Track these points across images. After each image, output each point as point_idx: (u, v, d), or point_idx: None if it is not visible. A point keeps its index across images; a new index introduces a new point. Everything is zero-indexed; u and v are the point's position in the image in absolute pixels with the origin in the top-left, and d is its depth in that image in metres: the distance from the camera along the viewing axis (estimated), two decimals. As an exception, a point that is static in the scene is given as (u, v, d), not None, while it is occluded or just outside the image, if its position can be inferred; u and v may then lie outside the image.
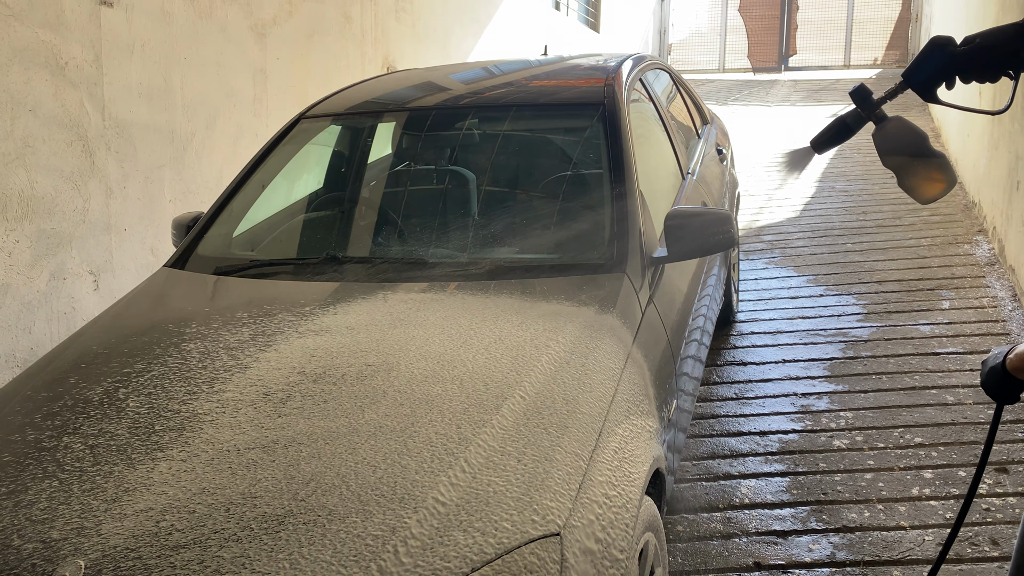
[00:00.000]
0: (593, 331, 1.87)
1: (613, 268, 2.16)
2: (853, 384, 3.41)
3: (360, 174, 2.84)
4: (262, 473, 1.47)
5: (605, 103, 2.60)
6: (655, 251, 2.32)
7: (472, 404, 1.63)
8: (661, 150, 3.00)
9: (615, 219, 2.28)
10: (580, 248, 2.24)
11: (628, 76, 2.87)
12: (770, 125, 10.09)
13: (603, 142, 2.49)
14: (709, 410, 3.29)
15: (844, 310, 4.21)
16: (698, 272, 2.76)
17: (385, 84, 3.05)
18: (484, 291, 2.06)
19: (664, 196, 2.79)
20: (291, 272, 2.29)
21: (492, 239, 2.30)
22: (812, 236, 5.56)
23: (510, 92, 2.87)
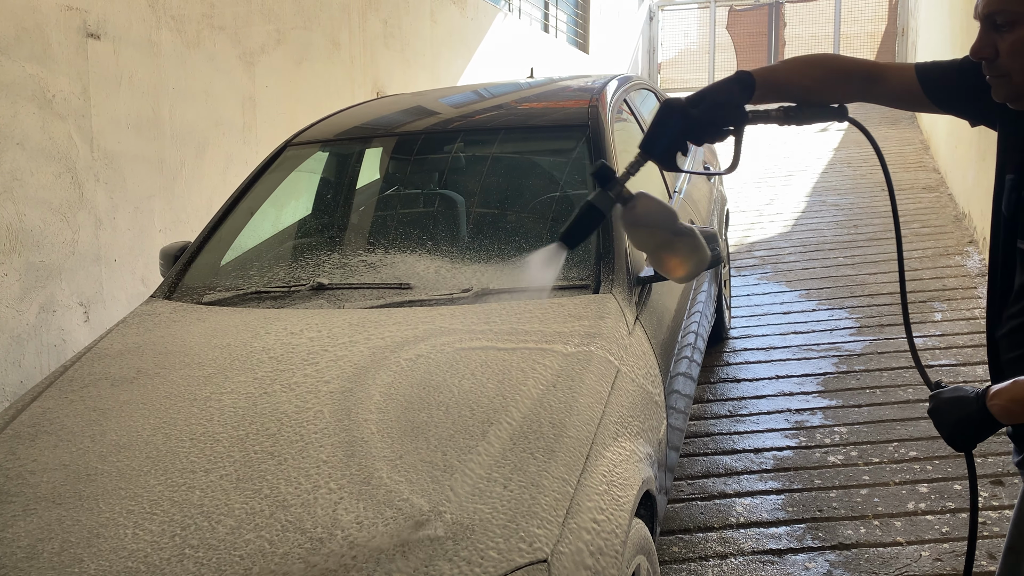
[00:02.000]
0: (580, 353, 1.87)
1: (599, 288, 2.16)
2: (847, 399, 3.41)
3: (347, 200, 2.84)
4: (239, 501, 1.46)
5: (590, 124, 2.61)
6: (642, 271, 2.32)
7: (458, 430, 1.62)
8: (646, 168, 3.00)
9: (601, 240, 2.28)
10: (566, 269, 2.24)
11: (612, 97, 2.88)
12: (760, 141, 10.14)
13: (588, 163, 2.49)
14: (703, 428, 3.28)
15: (837, 324, 4.21)
16: (687, 290, 2.75)
17: (370, 110, 3.06)
18: (471, 315, 2.05)
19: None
20: (278, 300, 2.29)
21: (479, 262, 2.30)
22: (803, 251, 5.56)
23: (496, 115, 2.88)
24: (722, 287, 3.95)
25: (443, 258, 2.33)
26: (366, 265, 2.37)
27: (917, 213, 6.01)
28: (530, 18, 9.59)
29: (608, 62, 12.16)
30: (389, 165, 2.88)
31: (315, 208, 2.91)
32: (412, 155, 2.78)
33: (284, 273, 2.42)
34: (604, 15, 11.97)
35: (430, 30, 6.94)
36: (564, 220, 2.48)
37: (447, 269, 2.29)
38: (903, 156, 8.21)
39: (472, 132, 2.77)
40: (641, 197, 1.48)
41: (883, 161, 1.52)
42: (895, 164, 7.91)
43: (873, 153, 6.09)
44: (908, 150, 8.45)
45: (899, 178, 7.33)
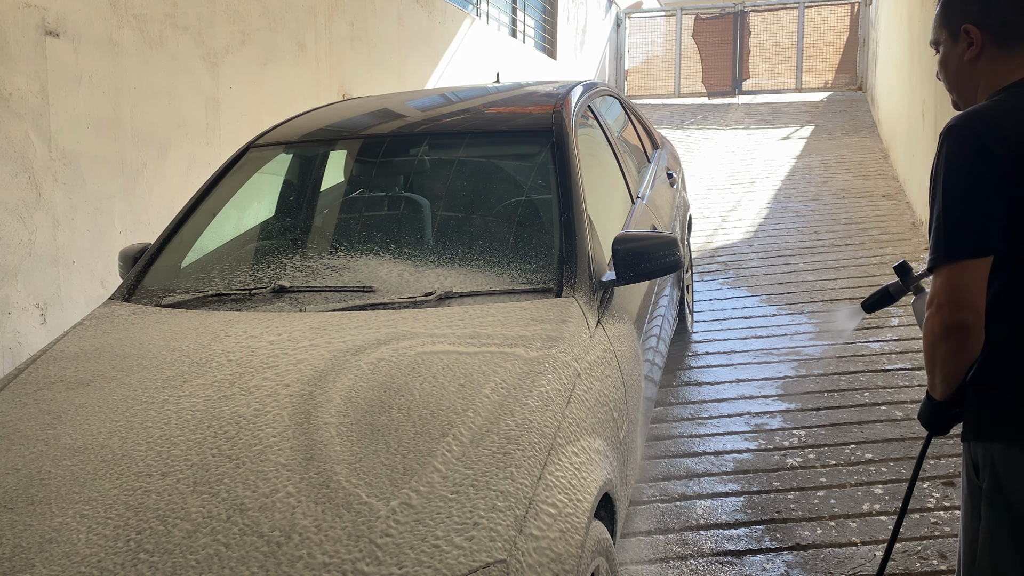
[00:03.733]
0: (541, 356, 1.88)
1: (562, 292, 2.17)
2: (806, 402, 3.47)
3: (311, 202, 2.83)
4: (196, 505, 1.45)
5: (553, 130, 2.63)
6: (604, 275, 2.34)
7: (418, 433, 1.62)
8: (610, 175, 3.04)
9: (563, 244, 2.30)
10: (529, 273, 2.25)
11: (577, 103, 2.90)
12: (725, 147, 10.27)
13: (551, 168, 2.51)
14: (665, 431, 3.32)
15: (797, 329, 4.28)
16: (649, 294, 2.78)
17: (334, 113, 3.05)
18: (433, 318, 2.06)
19: (614, 220, 2.83)
20: (239, 303, 2.27)
21: (442, 265, 2.30)
22: (765, 256, 5.65)
23: (460, 120, 2.89)
24: (684, 292, 4.00)
25: (407, 261, 2.33)
26: (328, 268, 2.36)
27: (876, 220, 6.13)
28: (498, 23, 9.62)
29: (575, 68, 12.24)
30: (353, 168, 2.88)
31: (278, 210, 2.89)
32: (376, 158, 2.78)
33: (245, 276, 2.40)
34: (572, 22, 12.05)
35: (397, 33, 6.93)
36: (528, 226, 2.51)
37: (410, 272, 2.29)
38: (863, 164, 8.37)
39: (436, 136, 2.78)
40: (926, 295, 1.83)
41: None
42: (856, 172, 8.07)
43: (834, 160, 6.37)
44: (868, 158, 8.61)
45: (859, 185, 7.47)
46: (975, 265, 1.37)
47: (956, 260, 1.38)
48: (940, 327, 1.40)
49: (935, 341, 1.42)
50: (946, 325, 1.39)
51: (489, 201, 2.59)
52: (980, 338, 1.40)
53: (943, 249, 1.39)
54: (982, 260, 1.38)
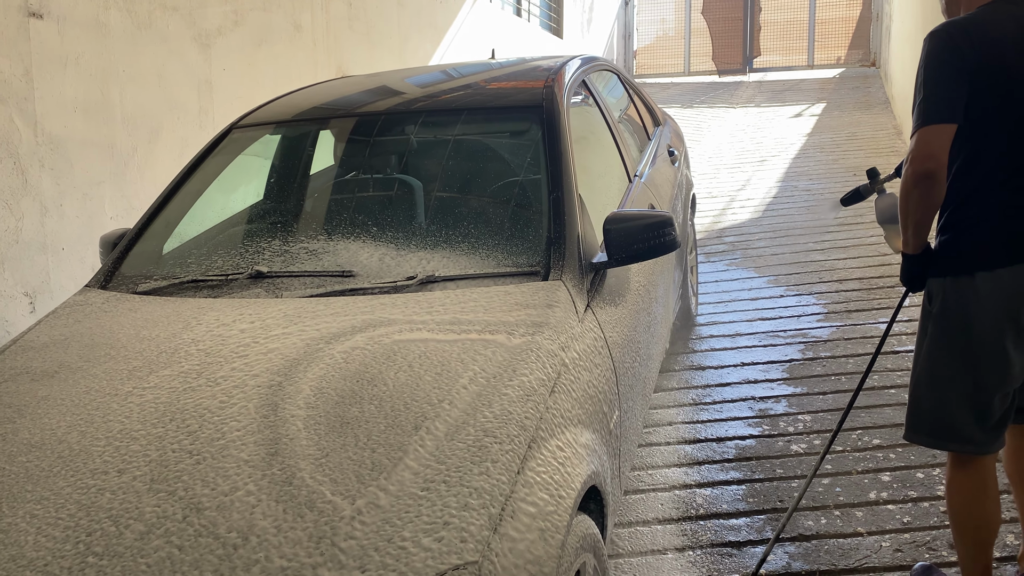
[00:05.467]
0: (524, 343, 1.79)
1: (549, 275, 2.07)
2: (812, 386, 3.36)
3: (292, 185, 2.74)
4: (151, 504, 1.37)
5: (544, 105, 2.52)
6: (595, 256, 2.24)
7: (390, 426, 1.53)
8: (606, 153, 2.93)
9: (552, 225, 2.19)
10: (515, 255, 2.15)
11: (570, 78, 2.79)
12: (735, 126, 10.10)
13: (541, 146, 2.41)
14: (665, 417, 3.22)
15: (804, 310, 4.16)
16: (648, 276, 2.68)
17: (319, 92, 2.95)
18: (413, 303, 1.96)
19: (609, 200, 2.72)
20: (215, 289, 2.19)
21: (425, 249, 2.21)
22: (774, 236, 5.52)
23: (448, 98, 2.78)
24: (688, 273, 3.89)
25: (388, 245, 2.24)
26: (308, 252, 2.27)
27: (888, 198, 5.97)
28: (502, 1, 9.46)
29: (583, 47, 12.05)
30: (336, 148, 2.78)
31: (258, 193, 2.80)
32: (360, 138, 2.68)
33: (223, 261, 2.32)
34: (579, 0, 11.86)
35: (397, 13, 6.80)
36: (515, 206, 2.41)
37: (392, 256, 2.19)
38: (876, 141, 8.19)
39: (423, 114, 2.67)
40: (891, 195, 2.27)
41: None
42: (868, 149, 7.89)
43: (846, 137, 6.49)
44: (881, 135, 8.43)
45: (872, 163, 7.30)
46: (941, 129, 1.78)
47: (927, 125, 1.79)
48: (912, 175, 1.80)
49: (908, 189, 1.82)
50: (916, 173, 1.79)
51: (476, 181, 2.49)
52: (942, 186, 1.81)
53: (920, 119, 1.80)
54: (947, 126, 1.79)
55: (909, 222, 1.86)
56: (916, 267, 1.93)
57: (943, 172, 1.79)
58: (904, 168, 1.83)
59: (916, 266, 1.93)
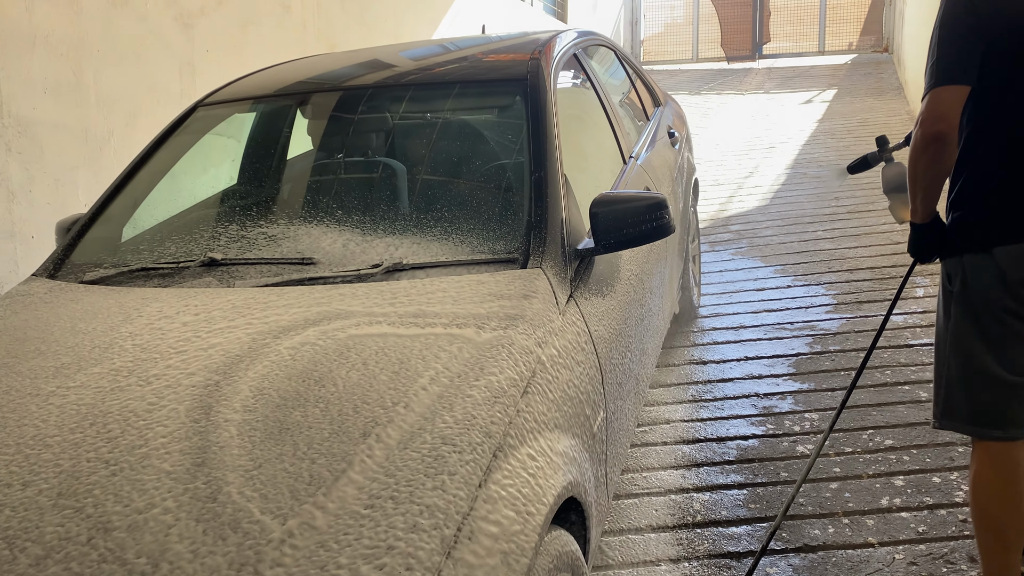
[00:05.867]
0: (495, 338, 1.60)
1: (528, 263, 1.88)
2: (819, 382, 3.16)
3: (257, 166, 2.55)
4: (54, 523, 1.19)
5: (528, 79, 2.32)
6: (580, 243, 2.05)
7: (336, 432, 1.35)
8: (598, 132, 2.73)
9: (532, 208, 2.00)
10: (491, 241, 1.96)
11: (559, 51, 2.59)
12: (744, 113, 9.86)
13: (524, 122, 2.21)
14: (663, 415, 3.03)
15: (812, 301, 3.96)
16: (642, 265, 2.48)
17: (292, 68, 2.76)
18: (376, 293, 1.78)
19: (600, 182, 2.53)
20: (166, 278, 2.00)
21: (393, 233, 2.02)
22: (781, 224, 5.30)
23: (427, 71, 2.59)
24: (689, 263, 3.69)
25: (354, 229, 2.05)
26: (267, 238, 2.09)
27: (901, 185, 5.75)
28: (504, -15, 9.22)
29: (588, 33, 11.80)
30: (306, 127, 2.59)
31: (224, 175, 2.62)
32: (331, 115, 2.49)
33: (177, 248, 2.13)
34: (584, -16, 11.61)
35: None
36: (494, 188, 2.22)
37: (357, 242, 2.01)
38: (888, 127, 7.94)
39: (398, 89, 2.48)
40: (899, 164, 2.26)
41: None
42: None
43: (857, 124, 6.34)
44: (894, 121, 8.18)
45: (883, 149, 7.06)
46: (953, 90, 1.70)
47: (939, 86, 1.70)
48: (921, 138, 1.72)
49: (918, 154, 1.74)
50: (926, 136, 1.71)
51: (453, 160, 2.30)
52: (953, 150, 1.73)
53: (932, 80, 1.72)
54: (959, 87, 1.70)
55: (918, 188, 1.79)
56: (924, 236, 1.86)
57: (954, 135, 1.72)
58: (914, 131, 1.76)
59: (924, 235, 1.85)
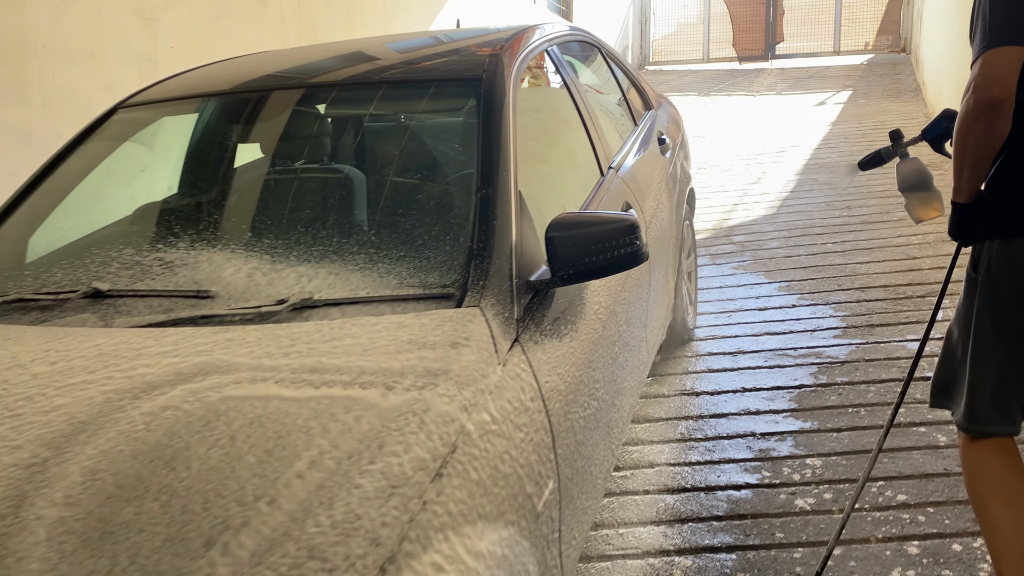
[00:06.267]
0: (406, 402, 1.28)
1: (464, 300, 1.56)
2: (824, 420, 2.81)
3: (173, 178, 2.24)
4: None
5: (484, 80, 2.00)
6: (535, 272, 1.73)
7: (171, 540, 1.03)
8: (571, 141, 2.41)
9: (476, 231, 1.68)
10: (423, 271, 1.64)
11: (526, 49, 2.27)
12: (754, 115, 9.49)
13: (476, 129, 1.89)
14: (646, 456, 2.70)
15: (819, 324, 3.61)
16: (616, 292, 2.15)
17: (225, 68, 2.45)
18: (272, 339, 1.46)
19: (569, 198, 2.20)
20: (45, 311, 1.70)
21: (310, 260, 1.70)
22: (789, 236, 4.95)
23: (374, 70, 2.27)
24: (683, 281, 3.35)
25: (266, 256, 1.74)
26: (165, 265, 1.77)
27: (918, 193, 5.38)
28: (505, -18, 8.90)
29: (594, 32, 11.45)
30: (230, 133, 2.28)
31: (140, 188, 2.31)
32: (254, 121, 2.17)
33: (64, 274, 1.82)
34: (590, -19, 11.26)
35: (382, -10, 6.28)
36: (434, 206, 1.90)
37: (266, 272, 1.69)
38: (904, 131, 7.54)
39: (337, 89, 2.16)
40: (914, 160, 2.08)
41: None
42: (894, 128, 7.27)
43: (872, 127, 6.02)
44: (911, 124, 7.79)
45: (900, 154, 6.69)
46: (1011, 51, 1.52)
47: (994, 47, 1.53)
48: (974, 105, 1.55)
49: (969, 122, 1.57)
50: (980, 102, 1.54)
51: (386, 173, 1.98)
52: (1009, 118, 1.56)
53: (983, 42, 1.54)
54: (1018, 48, 1.52)
55: (966, 162, 1.64)
56: (967, 216, 1.70)
57: (1011, 102, 1.54)
58: (964, 98, 1.59)
59: (967, 215, 1.70)
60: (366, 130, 2.08)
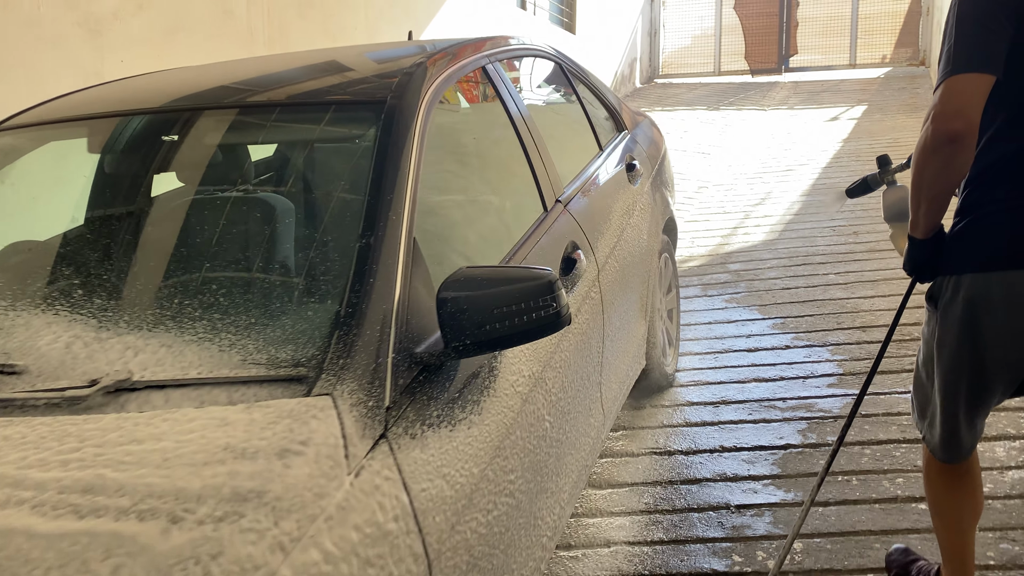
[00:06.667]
0: (192, 543, 0.96)
1: (317, 383, 1.24)
2: (810, 491, 2.45)
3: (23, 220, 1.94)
4: None
5: (388, 102, 1.68)
6: (423, 343, 1.40)
7: None
8: (504, 172, 2.09)
9: (349, 292, 1.36)
10: (272, 346, 1.32)
11: (453, 66, 1.95)
12: (763, 130, 9.12)
13: (369, 163, 1.57)
14: (603, 532, 2.35)
15: (813, 370, 3.25)
16: (553, 355, 1.82)
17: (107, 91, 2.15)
18: (58, 437, 1.14)
19: (491, 244, 1.87)
20: None
21: (142, 327, 1.38)
22: (789, 264, 4.59)
23: (267, 93, 1.95)
24: (659, 322, 3.01)
25: (90, 321, 1.42)
26: (-23, 329, 1.46)
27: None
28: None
29: (599, 44, 11.14)
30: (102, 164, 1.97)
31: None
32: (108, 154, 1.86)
33: None
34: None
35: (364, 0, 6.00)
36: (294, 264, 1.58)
37: (88, 341, 1.37)
38: (920, 149, 7.17)
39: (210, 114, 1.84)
40: (902, 187, 1.97)
41: None
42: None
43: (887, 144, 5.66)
44: (926, 142, 7.39)
45: (913, 174, 6.30)
46: (975, 79, 1.40)
47: (957, 74, 1.40)
48: (932, 137, 1.42)
49: (926, 156, 1.45)
50: (938, 134, 1.41)
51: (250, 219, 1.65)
52: (969, 153, 1.43)
53: (947, 68, 1.42)
54: (983, 76, 1.40)
55: (922, 197, 1.51)
56: (924, 254, 1.58)
57: (972, 136, 1.42)
58: (924, 128, 1.46)
59: (924, 253, 1.58)
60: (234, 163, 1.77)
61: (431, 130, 1.77)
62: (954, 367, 1.61)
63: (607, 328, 2.25)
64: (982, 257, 1.52)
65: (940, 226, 1.58)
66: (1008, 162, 1.49)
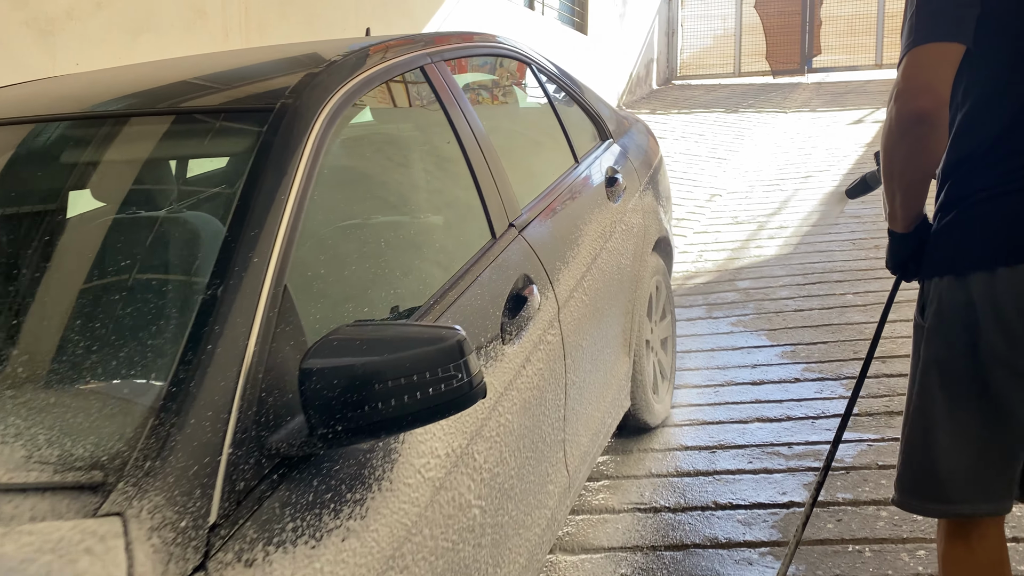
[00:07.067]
0: None
1: (111, 495, 0.91)
2: (814, 564, 2.09)
3: None
4: None
5: (275, 112, 1.35)
6: (283, 428, 1.08)
7: None
8: (440, 195, 1.75)
9: (178, 363, 1.03)
10: (67, 438, 0.99)
11: (375, 66, 1.63)
12: (783, 134, 8.71)
13: (236, 189, 1.24)
14: (569, 614, 2.00)
15: (824, 408, 2.88)
16: (489, 416, 1.49)
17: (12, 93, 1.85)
18: None
19: (412, 284, 1.54)
20: None
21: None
22: (803, 283, 4.21)
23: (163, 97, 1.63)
24: (647, 355, 2.66)
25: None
26: None
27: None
28: (510, -9, 8.29)
29: (613, 45, 10.77)
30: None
31: None
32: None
33: None
34: (610, -9, 10.59)
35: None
36: (120, 322, 1.25)
37: None
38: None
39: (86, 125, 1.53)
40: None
41: None
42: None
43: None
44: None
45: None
46: (943, 48, 1.24)
47: (920, 44, 1.24)
48: (897, 118, 1.26)
49: (892, 140, 1.29)
50: (903, 113, 1.25)
51: (67, 262, 1.33)
52: (942, 132, 1.26)
53: (911, 38, 1.25)
54: (951, 46, 1.24)
55: (895, 186, 1.34)
56: (906, 248, 1.41)
57: (943, 113, 1.24)
58: (887, 108, 1.29)
59: (906, 247, 1.41)
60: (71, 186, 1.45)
61: (339, 144, 1.44)
62: (956, 379, 1.36)
63: (572, 375, 1.90)
64: (984, 252, 1.29)
65: (923, 216, 1.39)
66: (992, 146, 1.28)
